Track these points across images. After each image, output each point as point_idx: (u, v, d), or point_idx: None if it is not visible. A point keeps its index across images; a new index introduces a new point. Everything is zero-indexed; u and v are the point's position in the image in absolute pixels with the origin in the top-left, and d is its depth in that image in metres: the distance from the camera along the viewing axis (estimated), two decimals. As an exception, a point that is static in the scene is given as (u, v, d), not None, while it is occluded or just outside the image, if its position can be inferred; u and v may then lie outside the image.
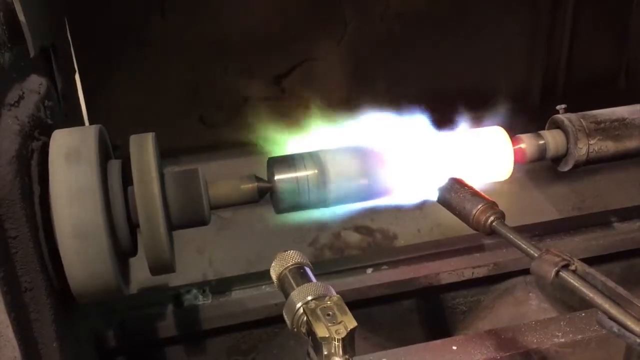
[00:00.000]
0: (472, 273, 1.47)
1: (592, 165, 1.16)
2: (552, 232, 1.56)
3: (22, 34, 0.90)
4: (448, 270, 1.46)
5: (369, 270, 1.46)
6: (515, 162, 1.11)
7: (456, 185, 0.92)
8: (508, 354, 1.05)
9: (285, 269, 0.83)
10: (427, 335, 1.50)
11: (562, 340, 1.08)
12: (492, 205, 0.87)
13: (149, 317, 1.33)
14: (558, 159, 1.16)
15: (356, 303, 1.42)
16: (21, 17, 0.88)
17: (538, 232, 1.56)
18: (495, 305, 1.50)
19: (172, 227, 0.92)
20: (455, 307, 1.53)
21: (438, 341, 1.10)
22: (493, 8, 1.82)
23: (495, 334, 1.09)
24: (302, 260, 0.85)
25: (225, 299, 1.37)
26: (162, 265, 0.90)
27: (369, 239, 1.70)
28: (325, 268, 1.46)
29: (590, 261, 1.51)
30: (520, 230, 1.51)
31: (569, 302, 1.45)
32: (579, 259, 1.56)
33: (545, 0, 1.86)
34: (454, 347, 1.07)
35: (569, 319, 1.12)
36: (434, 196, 0.95)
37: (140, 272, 0.99)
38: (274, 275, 0.85)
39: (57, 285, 0.85)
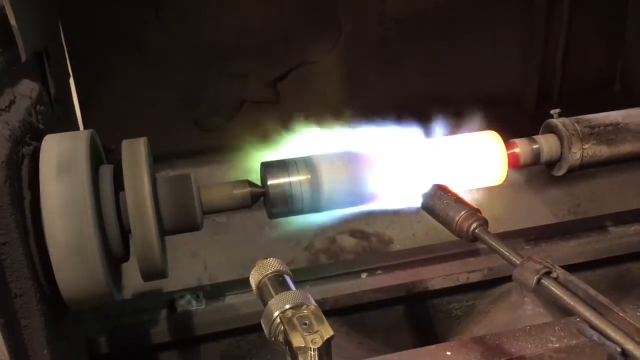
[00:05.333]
0: (467, 278, 1.47)
1: (586, 169, 1.16)
2: (548, 237, 1.57)
3: (13, 38, 0.89)
4: (443, 275, 1.46)
5: (364, 275, 1.46)
6: (509, 166, 1.11)
7: (439, 191, 0.91)
8: (503, 359, 1.05)
9: (265, 276, 0.83)
10: (421, 341, 1.50)
11: (557, 345, 1.07)
12: (475, 212, 0.87)
13: (142, 322, 1.32)
14: (552, 164, 1.16)
15: (351, 308, 1.42)
16: (12, 21, 0.87)
17: (533, 236, 1.56)
18: (490, 310, 1.49)
19: (164, 232, 0.92)
20: (450, 312, 1.52)
21: (432, 346, 1.10)
22: (488, 13, 1.82)
23: (490, 339, 1.09)
24: (281, 268, 0.84)
25: (219, 304, 1.37)
26: (154, 271, 0.89)
27: (364, 244, 1.69)
28: (320, 273, 1.46)
29: (585, 265, 1.53)
30: (516, 234, 1.55)
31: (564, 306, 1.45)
32: (574, 263, 1.56)
33: (540, 5, 1.86)
34: (449, 353, 1.06)
35: (564, 324, 1.11)
36: (418, 202, 0.95)
37: (133, 278, 0.98)
38: (253, 283, 0.84)
39: (48, 291, 0.84)
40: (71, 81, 1.42)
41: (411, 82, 1.82)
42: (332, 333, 0.72)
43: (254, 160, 1.06)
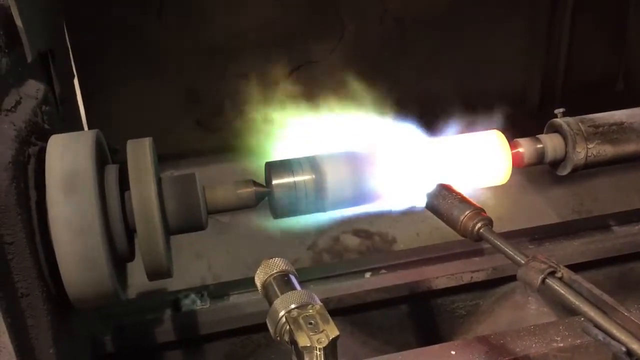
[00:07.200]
0: (471, 277, 1.47)
1: (590, 169, 1.16)
2: (551, 236, 1.57)
3: (19, 39, 0.89)
4: (447, 275, 1.46)
5: (368, 275, 1.46)
6: (513, 166, 1.11)
7: (444, 191, 0.92)
8: (507, 358, 1.05)
9: (270, 276, 0.84)
10: (425, 340, 1.50)
11: (561, 344, 1.07)
12: (479, 212, 0.87)
13: (147, 322, 1.32)
14: (556, 163, 1.16)
15: (355, 307, 1.43)
16: (18, 22, 0.87)
17: (537, 235, 1.56)
18: (494, 309, 1.50)
19: (169, 232, 0.92)
20: (454, 312, 1.53)
21: (436, 346, 1.10)
22: (491, 12, 1.82)
23: (494, 339, 1.09)
24: (287, 267, 0.85)
25: (223, 303, 1.37)
26: (159, 271, 0.90)
27: (368, 243, 1.69)
28: (324, 272, 1.46)
29: (589, 265, 1.53)
30: (520, 234, 1.55)
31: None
32: (578, 263, 1.56)
33: (543, 4, 1.86)
34: (453, 352, 1.06)
35: (568, 323, 1.12)
36: (422, 202, 0.95)
37: (137, 277, 0.98)
38: (258, 282, 0.85)
39: (53, 290, 0.85)
40: (75, 81, 1.43)
41: (414, 81, 1.82)
42: (337, 332, 0.72)
43: (258, 160, 1.06)
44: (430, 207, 0.94)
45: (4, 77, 0.85)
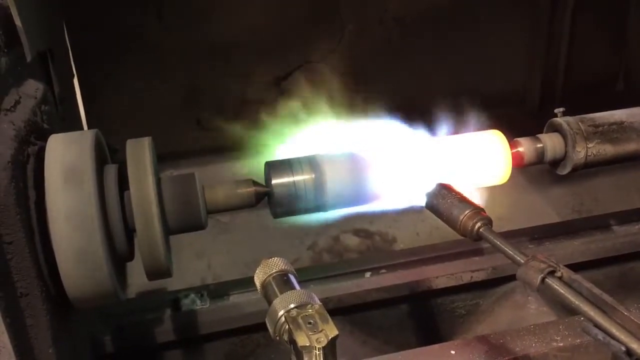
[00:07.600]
0: (471, 277, 1.47)
1: (590, 168, 1.16)
2: (551, 236, 1.57)
3: (19, 39, 0.89)
4: (447, 274, 1.46)
5: (368, 274, 1.46)
6: (513, 165, 1.11)
7: (444, 190, 0.92)
8: (507, 358, 1.05)
9: (269, 276, 0.84)
10: (425, 340, 1.50)
11: (561, 344, 1.07)
12: (479, 211, 0.87)
13: (147, 322, 1.32)
14: (556, 163, 1.16)
15: (354, 307, 1.43)
16: (17, 22, 0.88)
17: (537, 235, 1.56)
18: (494, 309, 1.50)
19: (168, 232, 0.92)
20: (454, 311, 1.53)
21: (436, 345, 1.10)
22: (492, 12, 1.82)
23: (494, 338, 1.09)
24: (286, 267, 0.85)
25: (223, 303, 1.37)
26: (158, 271, 0.90)
27: (368, 243, 1.69)
28: (324, 272, 1.46)
29: (589, 264, 1.53)
30: (520, 233, 1.55)
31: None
32: (578, 262, 1.57)
33: (544, 3, 1.86)
34: (453, 352, 1.06)
35: (568, 322, 1.12)
36: (422, 202, 0.95)
37: (137, 277, 0.98)
38: (257, 282, 0.85)
39: (53, 290, 0.85)
40: (75, 81, 1.43)
41: (414, 81, 1.82)
42: (336, 332, 0.72)
43: (257, 159, 1.06)
44: (430, 206, 0.94)
45: (4, 76, 0.85)
